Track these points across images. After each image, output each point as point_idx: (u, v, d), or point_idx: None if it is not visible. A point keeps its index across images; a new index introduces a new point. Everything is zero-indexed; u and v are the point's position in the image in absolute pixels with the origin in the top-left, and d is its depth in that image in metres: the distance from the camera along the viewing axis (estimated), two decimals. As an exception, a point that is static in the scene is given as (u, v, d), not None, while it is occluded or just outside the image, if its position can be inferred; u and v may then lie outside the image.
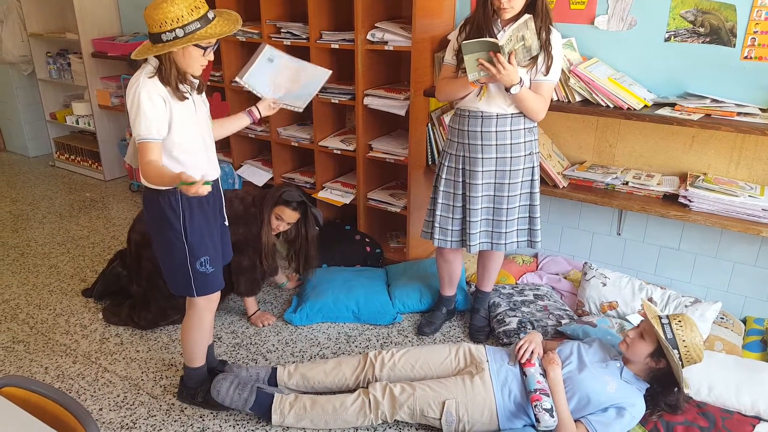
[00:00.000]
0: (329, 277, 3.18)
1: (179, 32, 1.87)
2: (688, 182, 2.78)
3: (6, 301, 3.19)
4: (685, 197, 2.72)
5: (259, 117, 2.43)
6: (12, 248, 3.81)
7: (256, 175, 3.90)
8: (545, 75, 2.36)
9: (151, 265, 2.79)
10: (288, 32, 3.40)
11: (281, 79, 2.44)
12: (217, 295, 2.30)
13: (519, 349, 2.30)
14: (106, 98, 4.76)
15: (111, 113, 4.88)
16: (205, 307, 2.27)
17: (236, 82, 2.45)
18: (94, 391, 2.51)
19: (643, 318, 2.36)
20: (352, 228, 3.56)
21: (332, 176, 3.69)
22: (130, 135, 4.65)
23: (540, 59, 2.33)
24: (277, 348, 2.81)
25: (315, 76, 2.50)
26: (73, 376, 2.60)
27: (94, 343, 2.84)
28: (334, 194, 3.52)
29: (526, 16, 2.19)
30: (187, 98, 2.02)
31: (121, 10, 4.84)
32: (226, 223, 2.34)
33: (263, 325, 2.96)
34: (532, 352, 2.27)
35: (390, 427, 2.31)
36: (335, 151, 3.46)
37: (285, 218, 2.85)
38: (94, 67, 4.74)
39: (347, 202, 3.47)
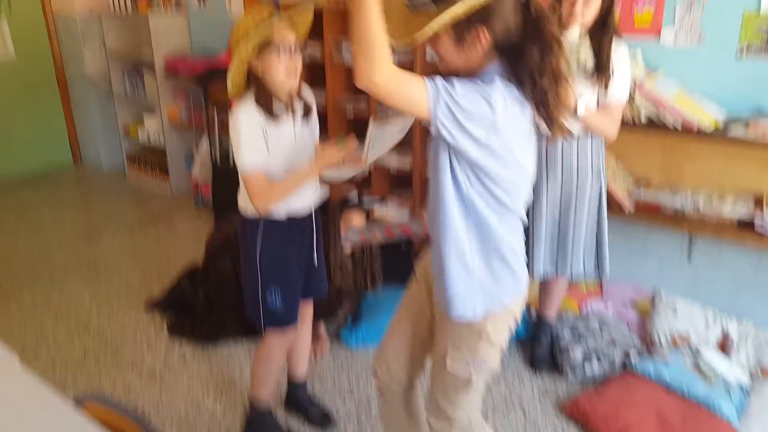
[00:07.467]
0: (387, 296, 3.13)
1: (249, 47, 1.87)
2: (764, 204, 2.62)
3: (78, 314, 3.34)
4: (761, 226, 2.56)
5: None
6: (85, 261, 3.99)
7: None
8: (611, 93, 2.28)
9: (222, 271, 2.84)
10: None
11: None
12: (291, 335, 2.24)
13: None
14: (175, 114, 4.93)
15: (180, 129, 5.06)
16: (274, 342, 2.20)
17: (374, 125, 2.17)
18: (159, 409, 2.58)
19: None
20: (407, 246, 3.51)
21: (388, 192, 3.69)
22: (197, 148, 4.73)
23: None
24: (332, 372, 2.81)
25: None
26: (138, 391, 2.69)
27: (159, 358, 2.93)
28: (390, 210, 3.51)
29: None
30: (282, 120, 1.95)
31: (192, 31, 5.01)
32: (315, 262, 2.22)
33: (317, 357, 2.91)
34: None
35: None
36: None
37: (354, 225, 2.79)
38: (166, 85, 4.93)
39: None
